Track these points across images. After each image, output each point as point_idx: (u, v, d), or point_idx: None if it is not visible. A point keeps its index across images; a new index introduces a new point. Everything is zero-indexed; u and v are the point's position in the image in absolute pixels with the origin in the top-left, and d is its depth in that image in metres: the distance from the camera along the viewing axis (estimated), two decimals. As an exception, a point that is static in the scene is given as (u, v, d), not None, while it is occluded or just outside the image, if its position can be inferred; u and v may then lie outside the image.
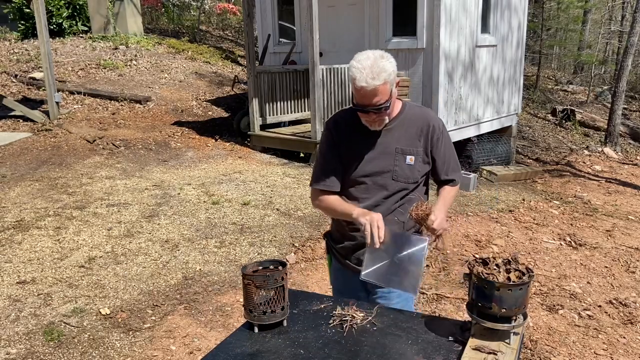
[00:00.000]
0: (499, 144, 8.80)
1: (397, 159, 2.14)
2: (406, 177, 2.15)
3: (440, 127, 2.18)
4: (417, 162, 2.15)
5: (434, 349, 1.69)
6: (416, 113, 2.19)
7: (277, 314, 1.82)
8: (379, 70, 1.94)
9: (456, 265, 4.70)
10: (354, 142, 2.18)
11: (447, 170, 2.21)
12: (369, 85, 1.95)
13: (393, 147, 2.14)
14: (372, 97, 1.98)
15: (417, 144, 2.15)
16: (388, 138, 2.15)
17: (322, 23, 7.19)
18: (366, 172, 2.15)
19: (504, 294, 1.62)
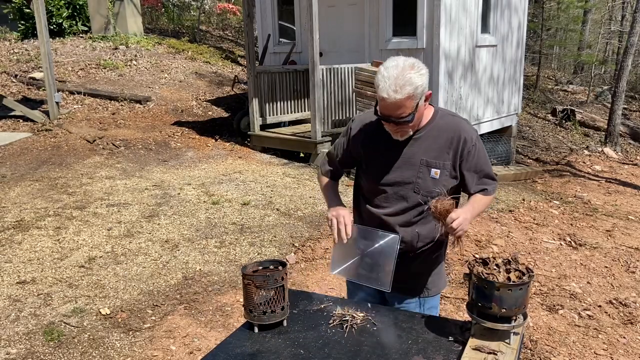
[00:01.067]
0: (499, 144, 8.80)
1: (422, 171, 2.03)
2: (429, 190, 2.03)
3: (473, 139, 2.04)
4: (443, 176, 2.03)
5: (434, 349, 1.69)
6: (448, 122, 2.05)
7: (277, 314, 1.82)
8: (404, 82, 1.82)
9: (456, 265, 4.70)
10: (379, 148, 2.09)
11: (478, 182, 2.09)
12: (390, 98, 1.84)
13: (418, 158, 2.03)
14: (393, 110, 1.88)
15: (445, 156, 2.03)
16: (415, 148, 2.04)
17: (322, 23, 7.19)
18: (388, 181, 2.07)
19: (504, 294, 1.62)
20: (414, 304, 2.18)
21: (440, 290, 2.25)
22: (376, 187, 2.10)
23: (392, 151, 2.06)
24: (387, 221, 2.09)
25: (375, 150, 2.09)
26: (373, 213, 2.13)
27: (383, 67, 1.88)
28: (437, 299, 2.25)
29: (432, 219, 1.93)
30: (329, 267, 4.51)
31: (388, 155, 2.06)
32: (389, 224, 2.09)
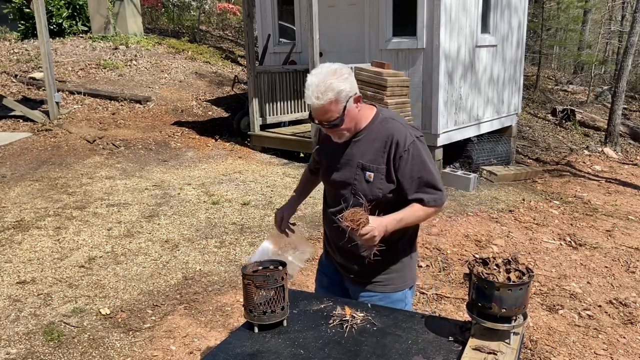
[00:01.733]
0: (499, 144, 8.80)
1: (358, 174, 2.08)
2: (365, 192, 2.06)
3: (406, 143, 2.02)
4: (377, 179, 2.05)
5: (434, 349, 1.69)
6: (385, 126, 2.07)
7: (277, 314, 1.83)
8: (325, 89, 1.90)
9: (456, 265, 4.70)
10: (330, 148, 2.17)
11: (414, 189, 2.06)
12: (314, 104, 1.94)
13: (356, 161, 2.09)
14: (321, 115, 1.97)
15: (380, 160, 2.05)
16: (353, 150, 2.10)
17: (322, 23, 7.19)
18: (333, 181, 2.16)
19: (504, 294, 1.62)
20: (376, 298, 2.17)
21: (403, 285, 2.22)
22: (327, 186, 2.26)
23: (337, 153, 2.14)
24: (335, 219, 2.13)
25: (327, 151, 2.19)
26: (327, 211, 2.27)
27: (308, 75, 1.97)
28: (401, 294, 2.21)
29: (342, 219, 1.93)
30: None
31: (334, 156, 2.15)
32: (333, 224, 2.15)
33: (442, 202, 2.09)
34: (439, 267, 4.68)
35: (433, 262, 4.75)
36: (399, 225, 2.01)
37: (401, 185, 2.05)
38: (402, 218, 2.02)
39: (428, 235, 5.31)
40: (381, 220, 1.93)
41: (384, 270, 2.18)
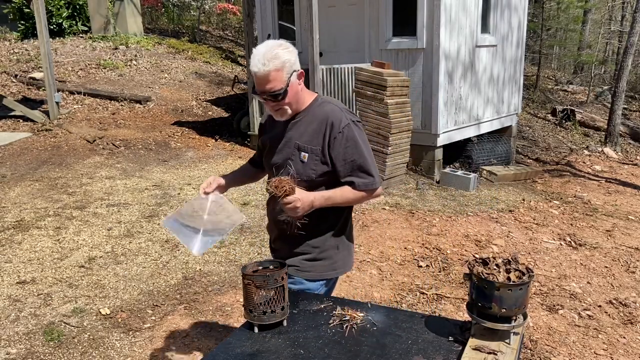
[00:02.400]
0: (499, 144, 8.80)
1: (294, 154, 2.11)
2: (299, 173, 2.08)
3: (341, 125, 2.05)
4: (312, 160, 2.08)
5: (434, 349, 1.69)
6: (323, 109, 2.11)
7: (277, 314, 1.83)
8: (272, 56, 1.93)
9: (456, 265, 4.70)
10: (271, 131, 2.22)
11: (346, 172, 2.09)
12: (260, 71, 1.95)
13: (293, 142, 2.12)
14: (264, 83, 1.97)
15: (316, 141, 2.08)
16: (292, 132, 2.13)
17: (322, 23, 7.19)
18: (273, 163, 2.18)
19: (504, 294, 1.62)
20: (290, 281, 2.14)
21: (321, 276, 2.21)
22: (268, 169, 2.23)
23: (278, 136, 2.17)
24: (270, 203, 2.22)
25: (269, 135, 2.22)
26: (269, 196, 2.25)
27: (254, 48, 2.00)
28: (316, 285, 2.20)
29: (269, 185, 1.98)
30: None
31: (275, 139, 2.18)
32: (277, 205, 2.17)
33: (373, 187, 2.11)
34: (439, 267, 4.68)
35: (433, 262, 4.75)
36: (326, 203, 2.05)
37: (334, 167, 2.08)
38: (330, 196, 2.06)
39: (428, 235, 5.31)
40: (308, 194, 1.98)
41: (307, 256, 2.19)
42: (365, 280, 4.35)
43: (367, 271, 4.51)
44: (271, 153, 2.20)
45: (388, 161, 6.60)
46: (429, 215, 5.87)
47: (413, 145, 7.14)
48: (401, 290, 4.23)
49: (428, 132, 7.42)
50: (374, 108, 6.61)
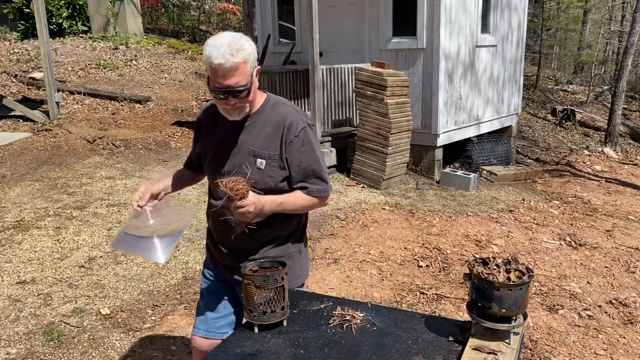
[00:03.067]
0: (499, 144, 8.80)
1: (249, 161, 1.95)
2: (256, 181, 1.92)
3: (297, 129, 1.95)
4: (269, 167, 1.94)
5: (434, 349, 1.69)
6: (277, 111, 1.98)
7: (277, 314, 1.82)
8: (238, 47, 1.77)
9: (456, 265, 4.70)
10: (216, 136, 2.02)
11: (300, 177, 1.98)
12: (227, 62, 1.76)
13: (246, 147, 1.96)
14: (231, 77, 1.79)
15: (273, 146, 1.95)
16: (245, 136, 1.97)
17: (322, 23, 7.19)
18: (220, 171, 1.99)
19: (504, 294, 1.62)
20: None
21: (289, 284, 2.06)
22: (214, 177, 2.01)
23: (225, 140, 1.99)
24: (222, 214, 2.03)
25: (213, 139, 2.03)
26: (213, 207, 2.06)
27: (210, 40, 1.80)
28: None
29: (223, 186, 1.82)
30: (328, 267, 4.52)
31: (222, 144, 2.00)
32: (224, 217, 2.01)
33: (326, 194, 2.04)
34: (439, 267, 4.68)
35: (433, 262, 4.75)
36: (277, 209, 1.94)
37: (290, 172, 1.97)
38: (282, 202, 1.95)
39: (428, 235, 5.31)
40: (260, 198, 1.87)
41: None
42: (365, 280, 4.35)
43: (367, 271, 4.51)
44: (218, 160, 2.00)
45: (388, 161, 6.60)
46: (429, 215, 5.87)
47: (413, 145, 7.14)
48: (401, 290, 4.23)
49: (428, 132, 7.42)
50: (374, 108, 6.61)
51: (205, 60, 1.80)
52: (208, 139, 2.05)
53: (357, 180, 6.84)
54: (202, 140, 2.08)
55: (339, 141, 7.29)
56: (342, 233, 5.20)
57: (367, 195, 6.36)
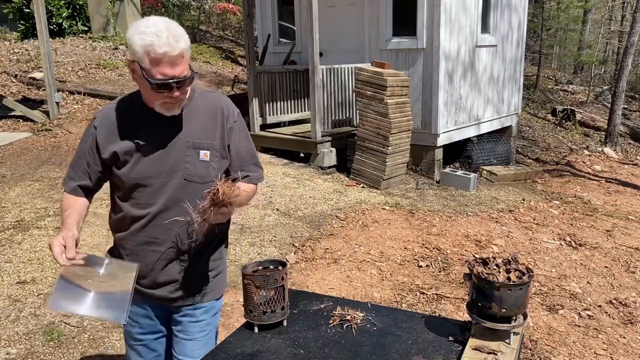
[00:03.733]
0: (499, 144, 8.80)
1: (189, 155, 1.79)
2: (201, 175, 1.80)
3: (234, 114, 1.87)
4: (213, 157, 1.81)
5: (434, 349, 1.69)
6: (208, 98, 1.86)
7: (277, 314, 1.83)
8: (179, 33, 1.61)
9: (456, 265, 4.70)
10: (142, 136, 1.78)
11: (241, 164, 1.88)
12: (173, 50, 1.59)
13: (184, 140, 1.79)
14: (177, 66, 1.62)
15: (212, 135, 1.82)
16: (178, 129, 1.79)
17: (322, 23, 7.19)
18: (152, 172, 1.78)
19: (504, 294, 1.62)
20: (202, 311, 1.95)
21: (223, 291, 2.05)
22: (137, 183, 1.79)
23: (155, 137, 1.78)
24: (157, 222, 1.81)
25: (136, 139, 1.78)
26: (138, 217, 1.82)
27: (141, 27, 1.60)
28: (221, 300, 2.04)
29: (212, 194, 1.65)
30: (328, 267, 4.52)
31: (151, 142, 1.78)
32: (160, 224, 1.81)
33: (262, 180, 1.98)
34: (439, 267, 4.68)
35: (433, 262, 4.75)
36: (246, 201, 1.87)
37: (230, 159, 1.87)
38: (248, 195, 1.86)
39: (428, 235, 5.31)
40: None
41: (213, 272, 1.98)
42: (365, 280, 4.35)
43: (367, 271, 4.51)
44: (148, 161, 1.78)
45: (388, 161, 6.60)
46: (429, 215, 5.87)
47: (413, 145, 7.14)
48: (401, 290, 4.23)
49: (428, 132, 7.42)
50: (374, 108, 6.61)
51: (141, 50, 1.59)
52: (125, 142, 1.77)
53: (357, 180, 6.84)
54: (114, 147, 1.77)
55: (339, 141, 7.30)
56: (342, 233, 5.20)
57: (367, 195, 6.36)
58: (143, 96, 1.76)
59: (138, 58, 1.62)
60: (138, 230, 1.84)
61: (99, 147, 1.80)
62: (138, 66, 1.64)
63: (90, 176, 1.85)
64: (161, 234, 1.83)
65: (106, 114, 1.83)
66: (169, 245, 1.84)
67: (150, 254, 1.85)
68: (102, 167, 1.83)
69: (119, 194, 1.88)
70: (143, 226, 1.83)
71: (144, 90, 1.71)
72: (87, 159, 1.82)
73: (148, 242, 1.84)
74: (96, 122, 1.82)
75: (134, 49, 1.61)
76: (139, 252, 1.86)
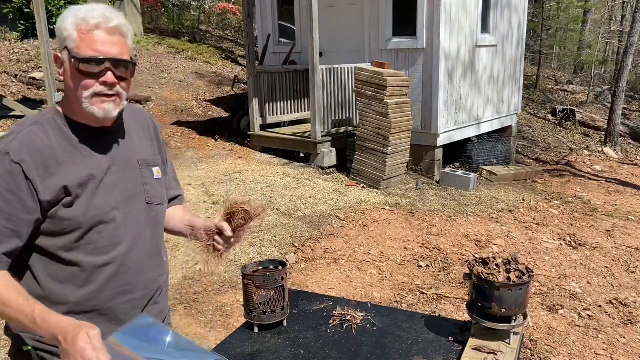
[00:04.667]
0: (499, 144, 8.80)
1: (145, 174, 1.51)
2: (160, 196, 1.55)
3: (156, 123, 1.67)
4: (163, 174, 1.59)
5: (434, 349, 1.69)
6: (133, 109, 1.60)
7: (277, 314, 1.83)
8: (118, 13, 1.37)
9: (456, 265, 4.70)
10: (90, 161, 1.39)
11: (173, 182, 1.70)
12: (109, 21, 1.32)
13: (135, 158, 1.50)
14: (114, 44, 1.33)
15: (153, 150, 1.59)
16: (124, 147, 1.48)
17: (322, 23, 7.19)
18: (113, 203, 1.42)
19: (504, 294, 1.62)
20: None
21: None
22: (101, 220, 1.39)
23: (102, 159, 1.42)
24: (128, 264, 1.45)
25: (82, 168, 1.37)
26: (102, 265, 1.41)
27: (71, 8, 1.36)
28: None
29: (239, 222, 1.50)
30: (328, 267, 4.52)
31: (100, 166, 1.41)
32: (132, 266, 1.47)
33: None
34: (439, 267, 4.68)
35: (433, 262, 4.75)
36: None
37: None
38: None
39: (428, 235, 5.31)
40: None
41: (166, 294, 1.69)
42: (365, 280, 4.35)
43: (367, 271, 4.51)
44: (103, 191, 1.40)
45: (388, 161, 6.60)
46: (429, 215, 5.87)
47: (413, 145, 7.14)
48: (401, 290, 4.23)
49: (428, 132, 7.42)
50: (374, 108, 6.61)
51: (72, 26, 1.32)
52: (75, 170, 1.36)
53: (357, 180, 6.84)
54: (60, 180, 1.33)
55: (339, 141, 7.30)
56: (342, 233, 5.20)
57: (367, 195, 6.36)
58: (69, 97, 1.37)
59: (66, 39, 1.33)
60: (106, 283, 1.43)
61: (34, 186, 1.31)
62: (65, 51, 1.33)
63: (20, 233, 1.32)
64: (134, 277, 1.48)
65: (26, 141, 1.32)
66: (143, 288, 1.51)
67: (122, 307, 1.47)
68: (39, 213, 1.33)
69: (59, 245, 1.37)
70: (112, 275, 1.43)
71: (72, 82, 1.34)
72: (8, 209, 1.29)
73: (121, 292, 1.46)
74: (15, 156, 1.29)
75: (64, 28, 1.33)
76: (109, 310, 1.44)
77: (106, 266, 1.42)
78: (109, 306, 1.45)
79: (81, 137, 1.39)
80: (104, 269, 1.42)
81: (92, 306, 1.42)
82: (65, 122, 1.39)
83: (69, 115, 1.40)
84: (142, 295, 1.52)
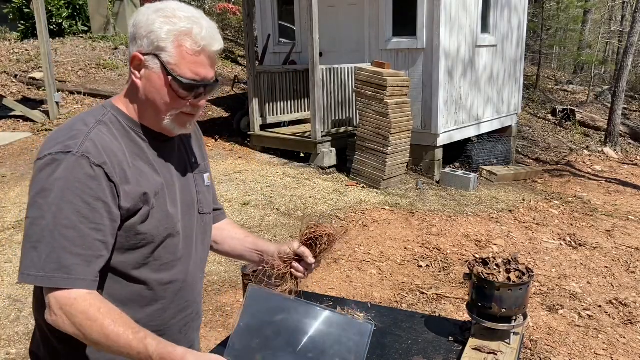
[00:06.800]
0: (499, 144, 8.80)
1: (198, 182, 1.42)
2: (210, 205, 1.47)
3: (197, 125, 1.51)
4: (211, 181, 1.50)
5: (434, 349, 1.69)
6: None
7: (277, 314, 1.82)
8: (216, 28, 1.27)
9: (456, 265, 4.70)
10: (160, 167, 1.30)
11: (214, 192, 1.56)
12: (215, 43, 1.23)
13: (189, 166, 1.41)
14: (212, 66, 1.25)
15: (202, 154, 1.48)
16: (180, 154, 1.39)
17: (322, 23, 7.19)
18: (179, 215, 1.33)
19: (504, 294, 1.62)
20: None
21: None
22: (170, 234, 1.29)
23: (168, 167, 1.33)
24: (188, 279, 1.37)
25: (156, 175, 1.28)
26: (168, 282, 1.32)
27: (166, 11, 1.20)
28: None
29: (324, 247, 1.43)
30: (328, 267, 4.52)
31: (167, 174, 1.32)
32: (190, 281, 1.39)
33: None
34: (439, 267, 4.68)
35: (433, 262, 4.75)
36: None
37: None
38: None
39: (428, 235, 5.31)
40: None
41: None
42: (365, 280, 4.35)
43: (367, 271, 4.51)
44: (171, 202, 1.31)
45: (388, 161, 6.60)
46: (429, 215, 5.87)
47: (413, 145, 7.14)
48: (401, 290, 4.23)
49: (428, 132, 7.42)
50: (374, 108, 6.61)
51: (170, 37, 1.18)
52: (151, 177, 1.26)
53: (357, 180, 6.84)
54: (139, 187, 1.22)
55: (339, 141, 7.30)
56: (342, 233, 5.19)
57: (367, 195, 6.36)
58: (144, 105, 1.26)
59: (159, 48, 1.19)
60: (170, 301, 1.33)
61: (117, 191, 1.18)
62: (155, 60, 1.20)
63: (108, 245, 1.18)
64: (190, 292, 1.40)
65: (100, 141, 1.19)
66: (195, 303, 1.43)
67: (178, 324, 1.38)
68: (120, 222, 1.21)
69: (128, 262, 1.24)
70: (175, 293, 1.34)
71: (157, 96, 1.22)
72: (96, 218, 1.15)
73: (182, 309, 1.37)
74: (95, 158, 1.15)
75: (156, 35, 1.18)
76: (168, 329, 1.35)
77: (171, 283, 1.32)
78: (169, 325, 1.35)
79: (149, 142, 1.28)
80: (169, 287, 1.32)
81: (154, 326, 1.27)
82: (130, 122, 1.27)
83: (132, 117, 1.28)
84: (194, 309, 1.43)
